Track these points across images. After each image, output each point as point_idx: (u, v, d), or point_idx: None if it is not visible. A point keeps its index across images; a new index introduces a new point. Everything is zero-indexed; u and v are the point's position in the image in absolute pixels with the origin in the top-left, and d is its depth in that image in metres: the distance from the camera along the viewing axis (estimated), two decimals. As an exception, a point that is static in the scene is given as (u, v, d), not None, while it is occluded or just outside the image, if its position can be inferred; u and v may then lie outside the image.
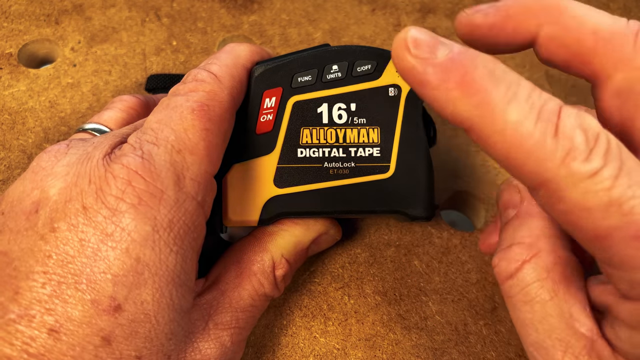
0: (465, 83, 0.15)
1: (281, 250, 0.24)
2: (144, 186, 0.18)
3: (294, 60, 0.24)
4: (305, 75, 0.24)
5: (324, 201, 0.24)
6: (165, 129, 0.20)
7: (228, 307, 0.22)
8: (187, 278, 0.20)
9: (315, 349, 0.26)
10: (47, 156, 0.20)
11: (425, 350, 0.26)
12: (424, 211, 0.24)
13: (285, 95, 0.24)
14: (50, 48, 0.36)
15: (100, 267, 0.17)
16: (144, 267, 0.18)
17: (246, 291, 0.23)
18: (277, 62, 0.24)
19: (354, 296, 0.27)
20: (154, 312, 0.18)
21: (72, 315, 0.17)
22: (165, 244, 0.18)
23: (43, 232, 0.18)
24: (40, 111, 0.32)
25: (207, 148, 0.20)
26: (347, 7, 0.39)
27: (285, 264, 0.24)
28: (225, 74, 0.22)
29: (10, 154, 0.31)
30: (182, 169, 0.19)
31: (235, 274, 0.23)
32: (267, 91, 0.24)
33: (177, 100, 0.21)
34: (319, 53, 0.24)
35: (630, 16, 0.39)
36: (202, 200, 0.20)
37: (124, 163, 0.19)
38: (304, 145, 0.24)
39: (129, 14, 0.37)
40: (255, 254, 0.24)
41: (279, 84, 0.24)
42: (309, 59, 0.24)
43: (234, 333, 0.22)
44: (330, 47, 0.24)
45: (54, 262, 0.17)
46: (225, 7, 0.38)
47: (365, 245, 0.29)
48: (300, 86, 0.24)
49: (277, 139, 0.24)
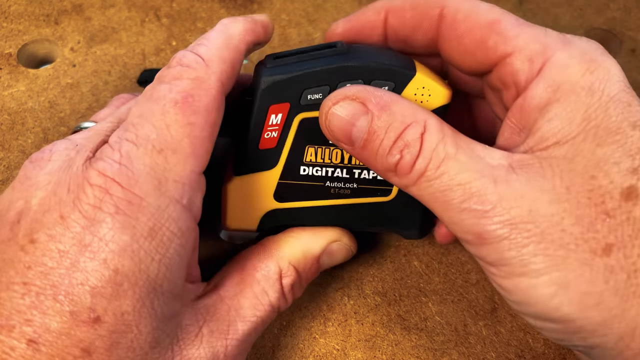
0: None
1: (288, 257, 0.23)
2: (121, 194, 0.18)
3: (306, 75, 0.22)
4: (316, 92, 0.22)
5: (322, 217, 0.24)
6: (146, 124, 0.19)
7: (226, 315, 0.21)
8: (171, 285, 0.19)
9: (314, 349, 0.26)
10: (31, 165, 0.20)
11: (425, 351, 0.26)
12: (419, 233, 0.25)
13: (292, 112, 0.22)
14: (50, 48, 0.36)
15: (79, 279, 0.17)
16: (122, 278, 0.17)
17: (247, 300, 0.22)
18: (286, 72, 0.22)
19: (353, 297, 0.27)
20: (136, 322, 0.18)
21: (51, 327, 0.17)
22: (146, 253, 0.18)
23: (23, 243, 0.18)
24: (40, 111, 0.32)
25: (192, 145, 0.19)
26: (347, 7, 0.39)
27: (293, 272, 0.23)
28: (214, 56, 0.21)
29: (9, 154, 0.31)
30: (164, 171, 0.18)
31: (237, 280, 0.22)
32: (274, 106, 0.22)
33: (160, 91, 0.20)
34: (333, 69, 0.22)
35: (631, 16, 0.39)
36: (187, 203, 0.19)
37: (100, 170, 0.18)
38: (307, 164, 0.23)
39: (129, 14, 0.37)
40: (259, 260, 0.23)
41: (286, 99, 0.22)
42: (322, 75, 0.22)
43: (230, 345, 0.21)
44: (346, 60, 0.22)
45: (33, 273, 0.17)
46: (225, 7, 0.38)
47: (365, 245, 0.29)
48: (310, 104, 0.22)
49: (280, 156, 0.23)
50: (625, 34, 0.38)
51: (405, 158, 0.20)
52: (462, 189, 0.19)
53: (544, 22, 0.38)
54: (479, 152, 0.19)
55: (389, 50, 0.24)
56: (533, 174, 0.18)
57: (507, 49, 0.20)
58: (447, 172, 0.19)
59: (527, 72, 0.20)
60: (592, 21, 0.39)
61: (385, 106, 0.20)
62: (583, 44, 0.20)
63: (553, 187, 0.18)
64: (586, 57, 0.19)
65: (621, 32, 0.38)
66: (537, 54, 0.20)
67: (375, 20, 0.24)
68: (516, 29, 0.20)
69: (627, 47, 0.37)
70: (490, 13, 0.21)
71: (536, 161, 0.19)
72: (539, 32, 0.20)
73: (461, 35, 0.22)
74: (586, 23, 0.39)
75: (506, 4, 0.39)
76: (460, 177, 0.19)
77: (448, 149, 0.19)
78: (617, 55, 0.37)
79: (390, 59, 0.22)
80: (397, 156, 0.20)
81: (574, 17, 0.39)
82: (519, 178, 0.18)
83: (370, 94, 0.20)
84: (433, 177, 0.19)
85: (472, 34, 0.21)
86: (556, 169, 0.18)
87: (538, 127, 0.19)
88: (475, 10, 0.21)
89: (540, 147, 0.19)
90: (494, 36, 0.21)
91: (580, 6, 0.40)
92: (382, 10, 0.24)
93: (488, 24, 0.21)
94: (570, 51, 0.19)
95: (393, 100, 0.20)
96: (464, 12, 0.21)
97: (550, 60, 0.19)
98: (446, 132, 0.20)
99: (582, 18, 0.39)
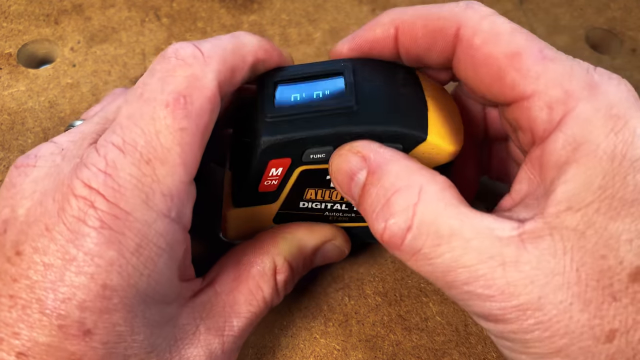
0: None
1: (284, 253, 0.23)
2: (106, 208, 0.17)
3: (308, 138, 0.20)
4: (319, 152, 0.20)
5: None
6: (134, 128, 0.18)
7: (222, 311, 0.21)
8: (163, 294, 0.19)
9: (315, 349, 0.26)
10: (17, 172, 0.19)
11: (425, 351, 0.26)
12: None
13: (293, 166, 0.21)
14: (50, 48, 0.36)
15: (66, 293, 0.17)
16: (112, 292, 0.17)
17: (243, 295, 0.22)
18: (288, 133, 0.20)
19: (354, 297, 0.27)
20: (129, 332, 0.18)
21: (40, 340, 0.16)
22: (134, 268, 0.17)
23: (9, 255, 0.17)
24: (40, 111, 0.32)
25: (182, 154, 0.18)
26: (347, 7, 0.39)
27: (288, 268, 0.23)
28: (216, 55, 0.19)
29: (9, 154, 0.31)
30: (152, 184, 0.17)
31: (233, 276, 0.22)
32: (274, 160, 0.21)
33: (152, 90, 0.18)
34: (337, 134, 0.20)
35: (631, 16, 0.39)
36: (176, 216, 0.18)
37: (85, 180, 0.17)
38: (307, 200, 0.23)
39: (129, 14, 0.37)
40: (255, 256, 0.23)
41: (287, 155, 0.21)
42: (325, 138, 0.20)
43: (226, 341, 0.21)
44: (352, 123, 0.20)
45: (19, 286, 0.17)
46: (225, 7, 0.38)
47: (366, 245, 0.29)
48: (312, 161, 0.21)
49: (280, 195, 0.23)
50: (626, 33, 0.38)
51: (391, 229, 0.18)
52: (467, 271, 0.17)
53: (544, 22, 0.38)
54: (487, 223, 0.17)
55: (399, 83, 0.21)
56: (544, 250, 0.17)
57: (527, 90, 0.18)
58: (450, 252, 0.17)
59: (546, 122, 0.18)
60: (593, 21, 0.39)
61: (381, 164, 0.19)
62: (612, 90, 0.17)
63: (564, 269, 0.17)
64: (613, 111, 0.17)
65: (622, 32, 0.38)
66: (558, 102, 0.17)
67: (385, 38, 0.22)
68: (538, 66, 0.18)
69: (628, 46, 0.37)
70: (511, 42, 0.18)
71: (547, 232, 0.17)
72: (564, 71, 0.18)
73: (478, 64, 0.19)
74: (587, 23, 0.39)
75: (506, 4, 0.39)
76: (465, 258, 0.17)
77: (451, 224, 0.17)
78: (618, 55, 0.37)
79: (401, 114, 0.20)
80: (382, 224, 0.18)
81: (574, 17, 0.39)
82: (530, 258, 0.17)
83: (371, 150, 0.19)
84: (432, 257, 0.17)
85: (489, 64, 0.19)
86: (567, 244, 0.17)
87: (554, 188, 0.17)
88: (495, 37, 0.19)
89: (553, 212, 0.17)
90: (513, 73, 0.18)
91: (581, 6, 0.40)
92: (391, 26, 0.21)
93: (508, 56, 0.18)
94: (596, 102, 0.17)
95: (392, 159, 0.19)
96: (483, 36, 0.19)
97: (573, 112, 0.17)
98: (448, 202, 0.18)
99: (583, 18, 0.39)
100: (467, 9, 0.20)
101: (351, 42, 0.22)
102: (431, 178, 0.19)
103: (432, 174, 0.19)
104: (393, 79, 0.21)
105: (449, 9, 0.20)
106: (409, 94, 0.21)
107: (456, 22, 0.20)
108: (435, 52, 0.21)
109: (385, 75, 0.21)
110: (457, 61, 0.20)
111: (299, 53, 0.36)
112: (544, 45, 0.19)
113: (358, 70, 0.21)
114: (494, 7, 0.20)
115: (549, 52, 0.18)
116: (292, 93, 0.21)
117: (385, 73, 0.21)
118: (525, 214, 0.18)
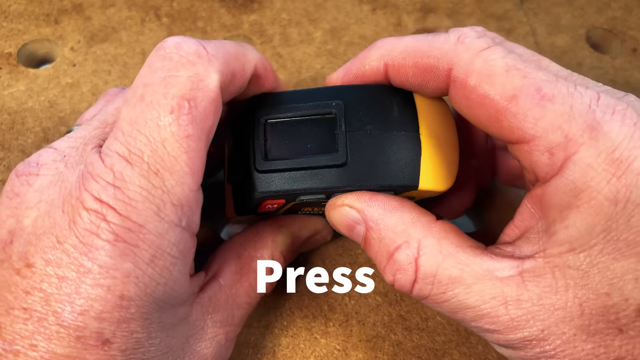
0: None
1: (280, 247, 0.24)
2: (118, 221, 0.17)
3: (300, 190, 0.20)
4: (311, 197, 0.21)
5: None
6: (139, 136, 0.17)
7: (225, 303, 0.22)
8: (177, 298, 0.19)
9: (316, 349, 0.26)
10: (18, 181, 0.19)
11: (426, 351, 0.26)
12: None
13: (287, 203, 0.22)
14: (50, 48, 0.36)
15: (83, 305, 0.17)
16: (129, 302, 0.17)
17: (243, 288, 0.23)
18: (279, 185, 0.20)
19: (354, 297, 0.27)
20: (145, 338, 0.18)
21: (58, 352, 0.16)
22: (150, 278, 0.17)
23: (19, 267, 0.17)
24: (40, 111, 0.32)
25: (189, 162, 0.18)
26: (348, 7, 0.39)
27: (283, 261, 0.24)
28: (221, 55, 0.19)
29: (9, 154, 0.31)
30: (162, 195, 0.17)
31: (235, 269, 0.23)
32: (268, 201, 0.21)
33: (154, 91, 0.18)
34: (328, 189, 0.20)
35: (632, 16, 0.39)
36: (187, 224, 0.18)
37: (95, 194, 0.17)
38: (304, 212, 0.25)
39: (129, 14, 0.37)
40: (256, 250, 0.24)
41: (282, 198, 0.21)
42: (318, 190, 0.21)
43: (229, 331, 0.22)
44: (343, 180, 0.20)
45: (32, 299, 0.17)
46: (225, 6, 0.38)
47: (366, 245, 0.29)
48: (305, 201, 0.22)
49: (277, 212, 0.24)
50: (627, 33, 0.38)
51: (400, 282, 0.20)
52: (473, 311, 0.18)
53: (544, 21, 0.38)
54: (487, 265, 0.18)
55: (393, 122, 0.21)
56: (545, 287, 0.17)
57: (525, 135, 0.18)
58: (455, 296, 0.18)
59: (548, 166, 0.18)
60: (593, 20, 0.39)
61: (377, 220, 0.20)
62: (615, 128, 0.17)
63: (566, 304, 0.17)
64: (615, 155, 0.16)
65: (622, 32, 0.38)
66: (559, 147, 0.17)
67: (376, 74, 0.21)
68: (536, 109, 0.17)
69: (628, 46, 0.37)
70: (506, 83, 0.18)
71: (549, 271, 0.18)
72: (563, 112, 0.17)
73: (473, 105, 0.19)
74: (587, 22, 0.39)
75: (507, 4, 0.39)
76: (469, 301, 0.18)
77: (452, 272, 0.19)
78: (618, 55, 0.37)
79: (393, 167, 0.20)
80: (391, 278, 0.20)
81: (575, 17, 0.39)
82: (531, 295, 0.18)
83: (364, 203, 0.21)
84: (439, 301, 0.19)
85: (485, 106, 0.18)
86: (570, 281, 0.17)
87: (555, 230, 0.18)
88: (489, 78, 0.18)
89: (554, 253, 0.18)
90: (511, 118, 0.18)
91: (581, 5, 0.39)
92: (380, 62, 0.21)
93: (504, 99, 0.18)
94: (597, 146, 0.17)
95: (385, 214, 0.20)
96: (476, 78, 0.18)
97: (574, 157, 0.17)
98: (446, 252, 0.19)
99: (583, 17, 0.39)
100: (457, 44, 0.19)
101: (344, 77, 0.22)
102: (427, 231, 0.20)
103: (428, 225, 0.20)
104: (387, 116, 0.21)
105: (439, 46, 0.19)
106: (402, 137, 0.20)
107: (447, 62, 0.19)
108: (429, 88, 0.20)
109: (379, 112, 0.21)
110: (452, 98, 0.20)
111: (299, 53, 0.36)
112: (541, 80, 0.18)
113: (350, 109, 0.20)
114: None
115: (548, 88, 0.17)
116: (284, 140, 0.21)
117: (379, 108, 0.21)
118: (526, 248, 0.19)
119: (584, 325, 0.17)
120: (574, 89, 0.18)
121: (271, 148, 0.21)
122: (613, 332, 0.17)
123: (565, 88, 0.18)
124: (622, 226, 0.16)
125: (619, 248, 0.17)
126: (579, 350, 0.17)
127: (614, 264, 0.17)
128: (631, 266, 0.17)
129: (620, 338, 0.17)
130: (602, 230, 0.17)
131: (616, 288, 0.17)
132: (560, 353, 0.17)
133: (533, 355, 0.18)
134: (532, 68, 0.18)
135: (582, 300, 0.17)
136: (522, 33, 0.37)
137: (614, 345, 0.17)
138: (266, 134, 0.21)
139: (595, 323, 0.17)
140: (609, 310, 0.17)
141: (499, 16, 0.38)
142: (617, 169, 0.16)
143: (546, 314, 0.17)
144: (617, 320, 0.17)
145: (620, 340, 0.17)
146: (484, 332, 0.19)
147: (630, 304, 0.17)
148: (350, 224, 0.21)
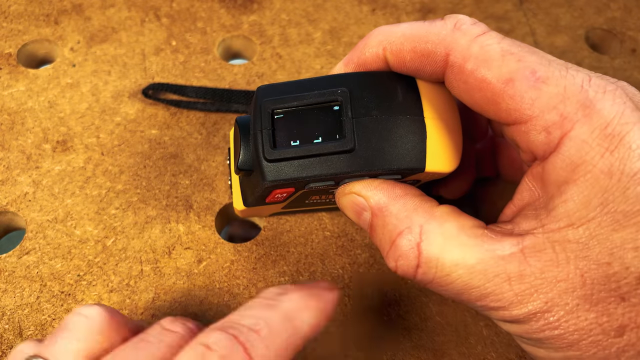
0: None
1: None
2: None
3: (308, 178, 0.21)
4: (320, 184, 0.21)
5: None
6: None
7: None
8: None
9: (315, 349, 0.26)
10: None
11: (425, 351, 0.26)
12: None
13: (296, 191, 0.22)
14: (50, 48, 0.36)
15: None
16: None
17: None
18: (289, 174, 0.21)
19: (354, 297, 0.27)
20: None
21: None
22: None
23: None
24: (40, 111, 0.32)
25: None
26: (347, 7, 0.39)
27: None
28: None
29: (9, 154, 0.31)
30: None
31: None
32: (277, 190, 0.22)
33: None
34: (337, 175, 0.21)
35: (631, 16, 0.39)
36: None
37: None
38: (311, 201, 0.25)
39: (129, 14, 0.37)
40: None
41: (291, 186, 0.22)
42: (326, 177, 0.21)
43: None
44: (352, 166, 0.20)
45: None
46: (225, 7, 0.38)
47: (366, 246, 0.29)
48: (314, 188, 0.22)
49: (285, 201, 0.24)
50: (626, 33, 0.38)
51: (402, 267, 0.20)
52: (477, 290, 0.19)
53: (544, 22, 0.38)
54: (489, 244, 0.19)
55: (398, 107, 0.21)
56: (547, 261, 0.18)
57: (522, 116, 0.18)
58: (459, 278, 0.19)
59: (545, 144, 0.18)
60: (593, 21, 0.39)
61: (381, 207, 0.21)
62: (607, 106, 0.18)
63: (567, 276, 0.18)
64: (607, 131, 0.17)
65: (622, 32, 0.38)
66: (555, 125, 0.18)
67: (376, 60, 0.22)
68: (532, 91, 0.18)
69: (628, 46, 0.37)
70: (503, 67, 0.18)
71: (549, 246, 0.18)
72: (558, 92, 0.18)
73: (471, 89, 0.19)
74: (586, 23, 0.39)
75: (506, 4, 0.39)
76: (473, 281, 0.19)
77: (454, 256, 0.19)
78: (618, 55, 0.37)
79: (399, 150, 0.21)
80: (394, 264, 0.20)
81: (574, 17, 0.39)
82: (533, 270, 0.18)
83: (370, 191, 0.21)
84: (443, 284, 0.19)
85: (482, 89, 0.19)
86: (570, 254, 0.18)
87: (554, 206, 0.18)
88: (486, 62, 0.19)
89: (553, 228, 0.18)
90: (508, 100, 0.18)
91: (581, 6, 0.40)
92: (379, 48, 0.21)
93: (501, 82, 0.18)
94: (591, 123, 0.17)
95: (389, 201, 0.21)
96: (473, 62, 0.19)
97: (569, 134, 0.18)
98: (448, 235, 0.19)
99: (583, 18, 0.39)
100: (454, 31, 0.20)
101: (345, 67, 0.23)
102: (430, 216, 0.20)
103: (430, 210, 0.20)
104: (391, 102, 0.21)
105: (436, 32, 0.20)
106: (407, 121, 0.21)
107: (444, 47, 0.20)
108: (425, 73, 0.21)
109: (383, 98, 0.21)
110: (449, 83, 0.20)
111: (299, 53, 0.36)
112: (535, 63, 0.18)
113: (355, 96, 0.21)
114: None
115: (542, 71, 0.18)
116: (291, 129, 0.21)
117: (384, 94, 0.21)
118: (525, 225, 0.19)
119: (586, 295, 0.18)
120: (566, 71, 0.18)
121: (279, 137, 0.21)
122: (615, 301, 0.17)
123: (558, 70, 0.18)
124: (619, 198, 0.17)
125: (617, 219, 0.17)
126: (583, 320, 0.18)
127: (613, 235, 0.17)
128: (630, 236, 0.17)
129: (623, 306, 0.17)
130: (600, 203, 0.17)
131: (616, 257, 0.17)
132: (564, 323, 0.18)
133: (538, 327, 0.18)
134: (526, 52, 0.19)
135: (584, 271, 0.18)
136: (522, 33, 0.37)
137: (617, 313, 0.17)
138: (273, 123, 0.21)
139: (597, 292, 0.17)
140: (610, 279, 0.17)
141: (499, 17, 0.38)
142: (610, 143, 0.17)
143: (549, 286, 0.18)
144: (619, 289, 0.17)
145: (622, 308, 0.17)
146: (490, 310, 0.19)
147: (631, 272, 0.17)
148: (358, 210, 0.22)
